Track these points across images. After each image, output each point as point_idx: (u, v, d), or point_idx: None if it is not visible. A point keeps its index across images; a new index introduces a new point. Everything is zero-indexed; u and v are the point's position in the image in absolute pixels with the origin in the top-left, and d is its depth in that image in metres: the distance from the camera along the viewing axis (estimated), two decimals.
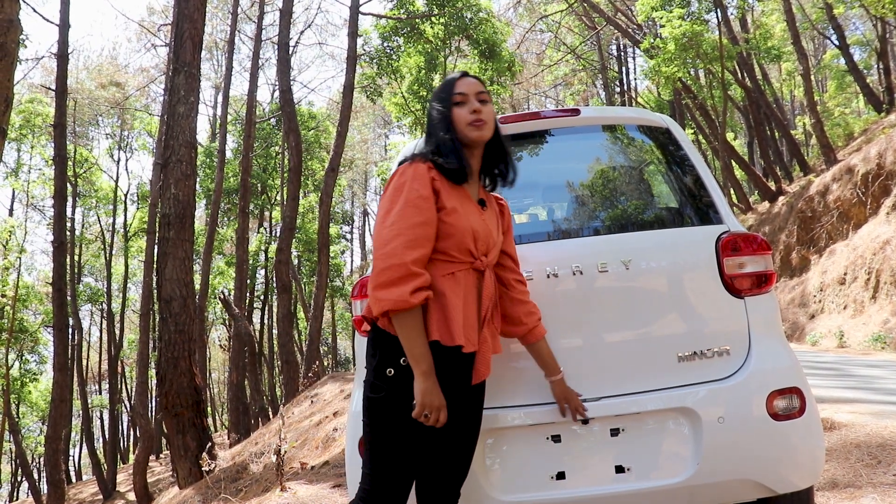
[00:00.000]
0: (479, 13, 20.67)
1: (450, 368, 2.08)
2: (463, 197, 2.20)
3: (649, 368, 2.45)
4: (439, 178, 2.15)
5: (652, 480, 2.36)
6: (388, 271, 1.99)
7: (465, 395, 2.17)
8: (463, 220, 2.13)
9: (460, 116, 2.24)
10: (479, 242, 2.17)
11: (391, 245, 2.00)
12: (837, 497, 3.36)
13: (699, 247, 2.58)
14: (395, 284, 1.98)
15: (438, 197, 2.12)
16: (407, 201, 2.07)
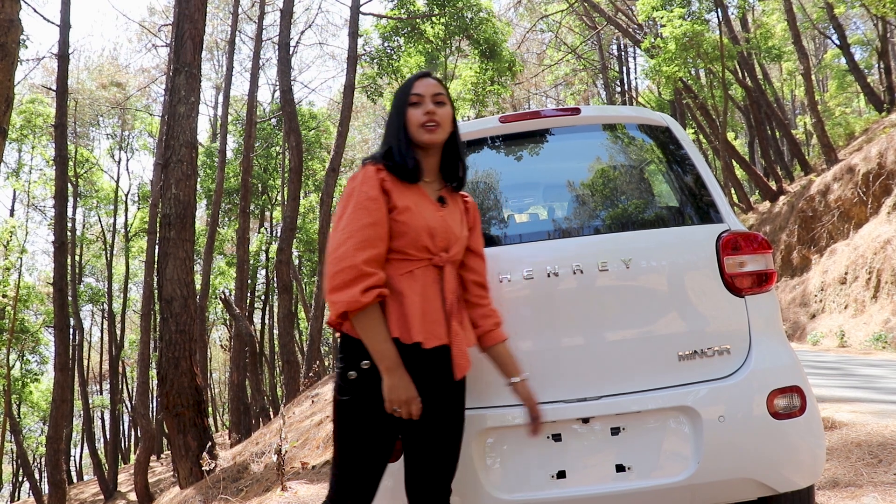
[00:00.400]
0: (479, 13, 20.66)
1: (415, 365, 2.08)
2: (418, 195, 2.21)
3: (650, 367, 2.45)
4: (390, 178, 2.18)
5: (652, 479, 2.36)
6: (340, 274, 2.02)
7: (443, 391, 2.17)
8: (417, 219, 2.15)
9: (414, 117, 2.25)
10: (437, 239, 2.18)
11: (342, 248, 2.04)
12: (838, 496, 3.36)
13: (699, 246, 2.58)
14: (348, 286, 2.01)
15: (389, 197, 2.14)
16: (356, 204, 2.11)
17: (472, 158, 2.97)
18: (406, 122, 2.26)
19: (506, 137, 2.95)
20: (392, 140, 2.26)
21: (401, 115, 2.27)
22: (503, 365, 2.35)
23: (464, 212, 2.38)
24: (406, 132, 2.25)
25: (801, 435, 2.42)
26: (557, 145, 2.98)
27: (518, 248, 2.64)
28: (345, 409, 2.11)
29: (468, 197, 2.45)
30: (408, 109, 2.26)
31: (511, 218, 3.03)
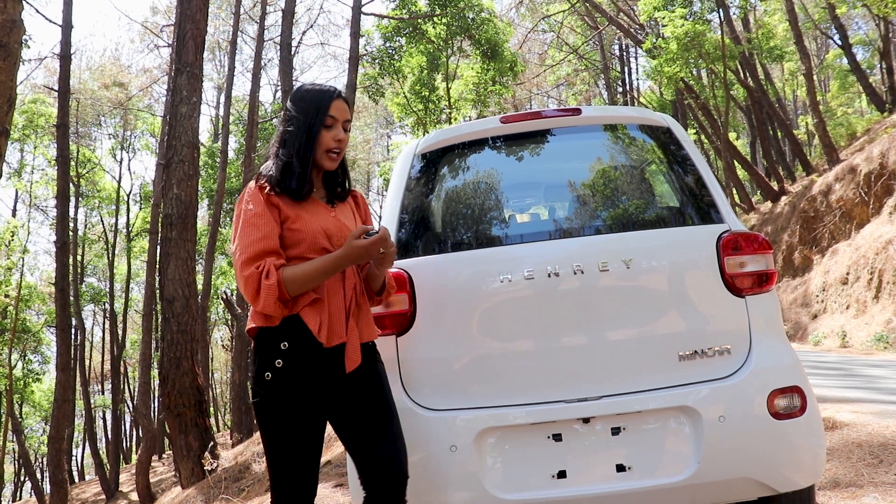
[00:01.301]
0: (481, 13, 20.64)
1: (318, 363, 2.16)
2: (308, 203, 2.25)
3: (650, 367, 2.45)
4: (275, 192, 2.21)
5: (653, 479, 2.36)
6: (249, 289, 2.08)
7: (344, 383, 2.20)
8: (311, 224, 2.19)
9: (324, 141, 2.27)
10: (334, 239, 2.22)
11: (243, 270, 2.09)
12: (839, 496, 3.36)
13: (700, 246, 2.58)
14: (258, 293, 2.07)
15: (280, 210, 2.18)
16: (244, 223, 2.15)
17: (473, 159, 2.98)
18: (316, 143, 2.26)
19: (507, 138, 2.96)
20: (293, 156, 2.24)
21: (311, 135, 2.25)
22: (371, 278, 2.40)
23: (354, 207, 2.44)
24: (312, 153, 2.26)
25: (801, 435, 2.43)
26: (558, 146, 2.98)
27: (519, 248, 2.65)
28: (265, 410, 2.15)
29: (356, 191, 2.49)
30: (321, 130, 2.26)
31: (512, 218, 3.03)
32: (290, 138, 2.27)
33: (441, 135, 2.95)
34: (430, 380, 2.52)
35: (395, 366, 2.54)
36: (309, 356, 2.14)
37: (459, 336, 2.53)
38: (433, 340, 2.51)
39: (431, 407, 2.48)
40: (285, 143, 2.27)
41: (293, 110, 2.29)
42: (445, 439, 2.40)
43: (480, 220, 2.86)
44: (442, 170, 2.94)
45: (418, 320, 2.56)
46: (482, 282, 2.53)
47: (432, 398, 2.49)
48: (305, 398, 2.14)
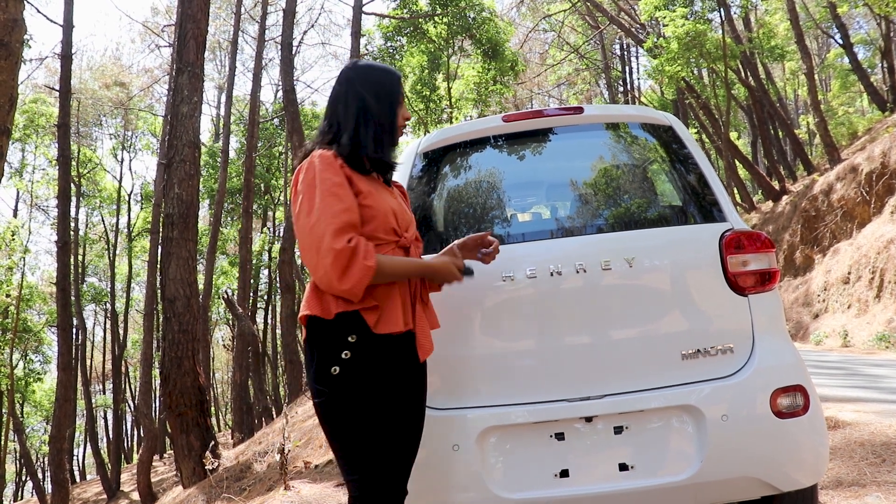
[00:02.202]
0: (482, 13, 20.65)
1: (389, 352, 2.05)
2: (372, 180, 2.19)
3: (653, 366, 2.45)
4: (345, 165, 2.12)
5: (656, 478, 2.36)
6: (337, 264, 1.93)
7: (413, 374, 2.14)
8: (381, 202, 2.13)
9: (400, 117, 2.28)
10: (400, 220, 2.18)
11: (335, 242, 1.94)
12: (842, 495, 3.36)
13: (702, 244, 2.58)
14: (350, 267, 1.94)
15: (352, 183, 2.09)
16: (324, 192, 2.01)
17: (475, 157, 2.97)
18: (397, 120, 2.26)
19: (509, 136, 2.95)
20: (382, 127, 2.21)
21: (395, 108, 2.24)
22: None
23: (402, 196, 2.40)
24: (397, 130, 2.26)
25: (804, 434, 2.42)
26: (560, 144, 2.98)
27: (521, 246, 2.64)
28: (335, 409, 2.00)
29: (398, 182, 2.47)
30: (398, 108, 2.27)
31: (514, 217, 3.03)
32: (374, 111, 2.20)
33: (443, 134, 2.94)
34: (431, 378, 2.52)
35: None
36: (379, 346, 2.02)
37: (462, 335, 2.52)
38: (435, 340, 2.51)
39: (434, 406, 2.48)
40: (366, 115, 2.19)
41: (364, 85, 2.23)
42: (448, 438, 2.39)
43: (482, 219, 2.86)
44: (444, 169, 2.94)
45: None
46: (484, 281, 2.52)
47: (435, 397, 2.49)
48: (378, 391, 2.01)
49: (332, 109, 2.25)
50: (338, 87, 2.27)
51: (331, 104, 2.27)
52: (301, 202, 2.04)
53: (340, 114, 2.22)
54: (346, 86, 2.25)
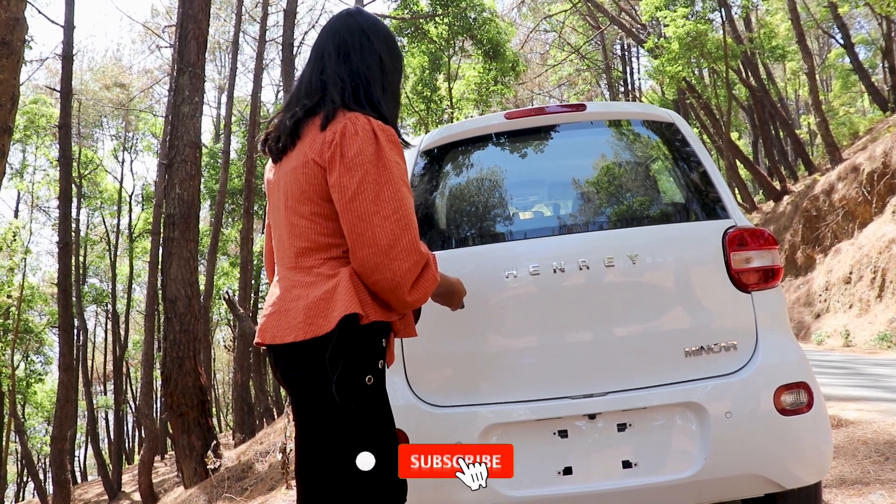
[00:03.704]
0: (482, 13, 20.65)
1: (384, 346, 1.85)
2: None
3: (656, 363, 2.44)
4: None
5: (659, 475, 2.35)
6: (415, 270, 1.72)
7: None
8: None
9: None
10: None
11: (403, 243, 1.69)
12: (845, 493, 3.35)
13: (706, 241, 2.57)
14: (423, 276, 1.75)
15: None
16: (399, 179, 1.74)
17: (476, 155, 2.96)
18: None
19: (510, 134, 2.94)
20: (397, 107, 1.98)
21: (401, 80, 1.99)
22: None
23: None
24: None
25: (808, 431, 2.42)
26: (562, 142, 2.97)
27: (523, 243, 2.64)
28: (373, 419, 1.77)
29: None
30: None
31: (516, 215, 3.02)
32: (390, 75, 1.93)
33: (444, 131, 2.93)
34: (434, 376, 2.51)
35: (400, 362, 2.52)
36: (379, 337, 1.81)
37: (464, 332, 2.51)
38: (438, 337, 2.49)
39: (436, 403, 2.47)
40: (384, 78, 1.91)
41: (378, 38, 1.92)
42: (450, 436, 2.38)
43: (484, 216, 2.85)
44: (445, 167, 2.93)
45: (423, 317, 2.55)
46: (487, 278, 2.51)
47: (437, 395, 2.48)
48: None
49: (341, 61, 1.87)
50: (347, 35, 1.90)
51: (339, 52, 1.88)
52: (364, 181, 1.70)
53: (360, 70, 1.87)
54: (359, 36, 1.90)
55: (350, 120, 1.74)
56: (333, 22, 1.95)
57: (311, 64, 1.91)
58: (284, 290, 1.81)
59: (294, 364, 1.76)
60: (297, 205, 1.79)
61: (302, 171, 1.77)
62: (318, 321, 1.69)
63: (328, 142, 1.73)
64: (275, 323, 1.78)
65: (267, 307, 1.85)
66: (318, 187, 1.76)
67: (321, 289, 1.73)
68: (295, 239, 1.80)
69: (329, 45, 1.89)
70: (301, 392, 1.79)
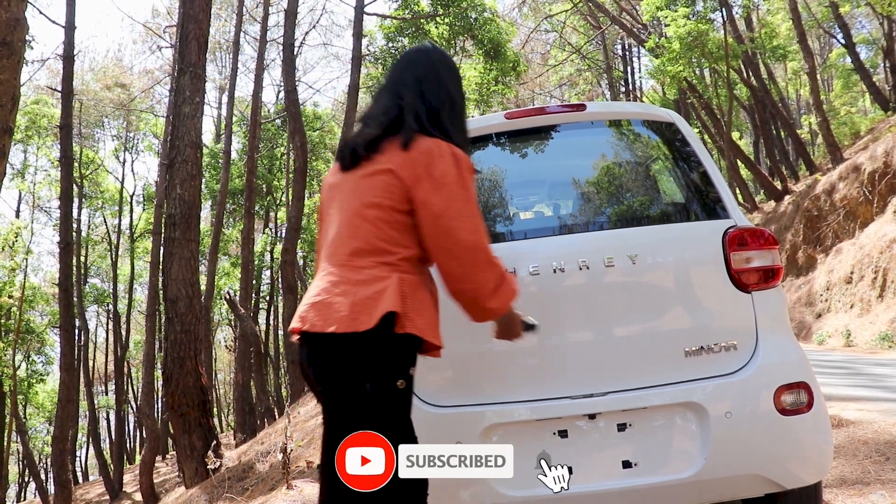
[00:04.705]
0: (483, 13, 20.64)
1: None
2: None
3: (656, 363, 2.44)
4: None
5: (659, 475, 2.35)
6: (494, 281, 1.92)
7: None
8: None
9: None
10: None
11: (483, 255, 1.88)
12: (846, 493, 3.35)
13: (706, 241, 2.57)
14: (501, 285, 1.94)
15: None
16: (473, 201, 1.92)
17: (477, 155, 2.96)
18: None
19: (511, 134, 2.94)
20: (465, 137, 2.12)
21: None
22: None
23: None
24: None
25: (808, 431, 2.41)
26: (563, 142, 2.97)
27: (523, 243, 2.64)
28: (402, 419, 1.89)
29: None
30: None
31: (516, 215, 3.02)
32: (459, 111, 2.11)
33: None
34: (435, 376, 2.51)
35: None
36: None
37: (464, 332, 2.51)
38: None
39: (436, 403, 2.47)
40: (454, 112, 2.09)
41: (451, 76, 2.13)
42: (451, 435, 2.38)
43: (485, 216, 2.85)
44: None
45: None
46: None
47: (437, 394, 2.48)
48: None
49: (417, 92, 2.05)
50: (425, 69, 2.09)
51: (416, 84, 2.06)
52: (449, 200, 1.87)
53: (434, 102, 2.04)
54: (435, 72, 2.09)
55: (435, 143, 1.92)
56: (413, 56, 2.17)
57: (387, 91, 2.12)
58: (331, 285, 1.90)
59: (330, 357, 1.85)
60: (363, 208, 1.92)
61: (378, 180, 1.92)
62: (362, 318, 1.80)
63: (414, 160, 1.89)
64: (317, 313, 1.87)
65: (310, 297, 1.94)
66: (391, 196, 1.90)
67: (371, 289, 1.84)
68: (353, 239, 1.92)
69: (407, 76, 2.09)
70: (333, 386, 1.87)
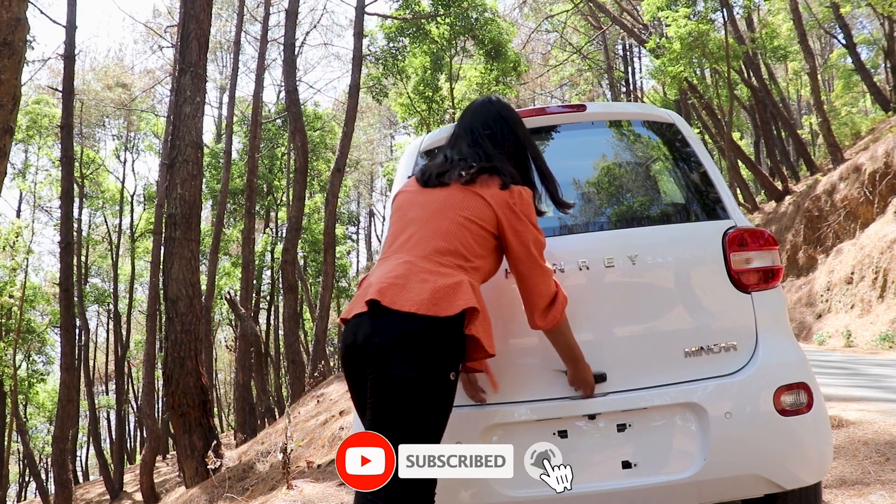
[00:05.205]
0: (484, 13, 20.65)
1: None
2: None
3: (656, 363, 2.44)
4: None
5: (659, 476, 2.34)
6: (550, 283, 2.25)
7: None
8: None
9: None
10: None
11: (550, 279, 2.26)
12: (846, 494, 3.35)
13: (706, 241, 2.57)
14: (558, 297, 2.27)
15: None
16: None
17: None
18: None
19: None
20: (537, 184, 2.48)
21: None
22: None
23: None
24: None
25: (808, 432, 2.41)
26: (563, 142, 2.98)
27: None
28: (442, 408, 2.03)
29: None
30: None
31: None
32: (538, 159, 2.51)
33: (444, 132, 2.92)
34: None
35: None
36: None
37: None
38: None
39: None
40: (532, 166, 2.47)
41: (519, 122, 2.52)
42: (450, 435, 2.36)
43: None
44: None
45: None
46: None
47: None
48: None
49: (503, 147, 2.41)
50: (514, 125, 2.48)
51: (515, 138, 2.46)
52: (529, 223, 2.23)
53: (513, 150, 2.43)
54: (521, 127, 2.51)
55: (524, 191, 2.26)
56: (503, 111, 2.50)
57: (481, 133, 2.41)
58: (411, 272, 2.05)
59: (400, 335, 1.95)
60: (456, 215, 2.17)
61: (474, 201, 2.20)
62: (443, 304, 1.97)
63: (508, 199, 2.21)
64: (397, 291, 2.00)
65: (387, 278, 2.06)
66: (481, 216, 2.19)
67: (450, 279, 2.04)
68: (439, 239, 2.14)
69: (506, 129, 2.45)
70: (390, 364, 1.94)
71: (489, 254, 2.22)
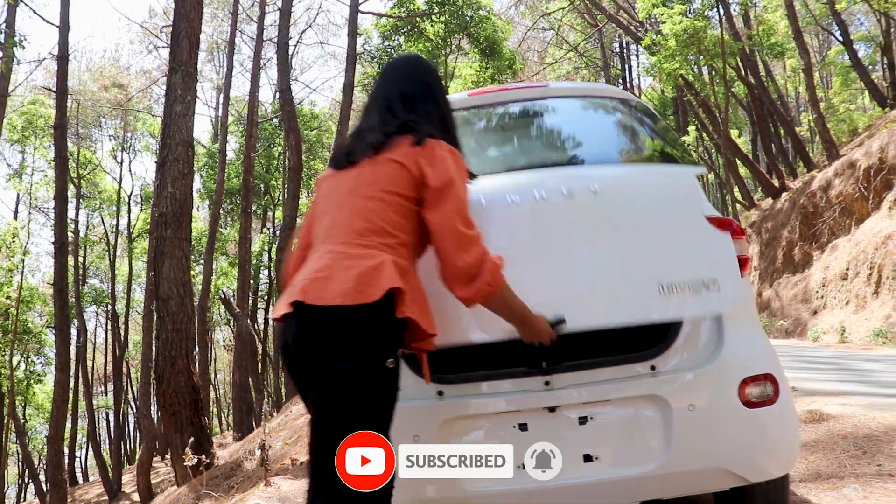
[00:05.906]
0: (479, 11, 20.63)
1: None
2: None
3: (620, 300, 2.38)
4: None
5: (621, 469, 2.31)
6: (477, 252, 2.00)
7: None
8: None
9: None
10: None
11: (473, 231, 2.02)
12: (819, 487, 3.33)
13: (678, 178, 2.61)
14: (486, 265, 2.00)
15: None
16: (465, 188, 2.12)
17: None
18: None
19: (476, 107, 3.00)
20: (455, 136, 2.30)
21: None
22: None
23: None
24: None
25: (774, 423, 2.38)
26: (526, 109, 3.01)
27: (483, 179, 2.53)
28: (383, 399, 1.91)
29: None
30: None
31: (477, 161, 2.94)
32: (449, 112, 2.33)
33: None
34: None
35: None
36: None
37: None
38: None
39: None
40: (446, 124, 2.29)
41: (437, 83, 2.37)
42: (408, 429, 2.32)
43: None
44: None
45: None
46: None
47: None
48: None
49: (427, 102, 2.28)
50: (429, 79, 2.34)
51: (424, 93, 2.30)
52: (458, 179, 2.07)
53: (434, 109, 2.28)
54: (434, 82, 2.36)
55: (438, 144, 2.09)
56: (416, 69, 2.37)
57: (396, 99, 2.26)
58: (334, 262, 1.94)
59: (326, 331, 1.85)
60: (370, 190, 2.03)
61: (386, 168, 2.05)
62: (368, 290, 1.85)
63: (420, 153, 2.05)
64: (322, 286, 1.88)
65: (311, 272, 1.95)
66: (397, 184, 2.02)
67: (373, 260, 1.91)
68: (356, 220, 2.00)
69: (415, 87, 2.29)
70: (322, 361, 1.86)
71: (418, 223, 2.05)
